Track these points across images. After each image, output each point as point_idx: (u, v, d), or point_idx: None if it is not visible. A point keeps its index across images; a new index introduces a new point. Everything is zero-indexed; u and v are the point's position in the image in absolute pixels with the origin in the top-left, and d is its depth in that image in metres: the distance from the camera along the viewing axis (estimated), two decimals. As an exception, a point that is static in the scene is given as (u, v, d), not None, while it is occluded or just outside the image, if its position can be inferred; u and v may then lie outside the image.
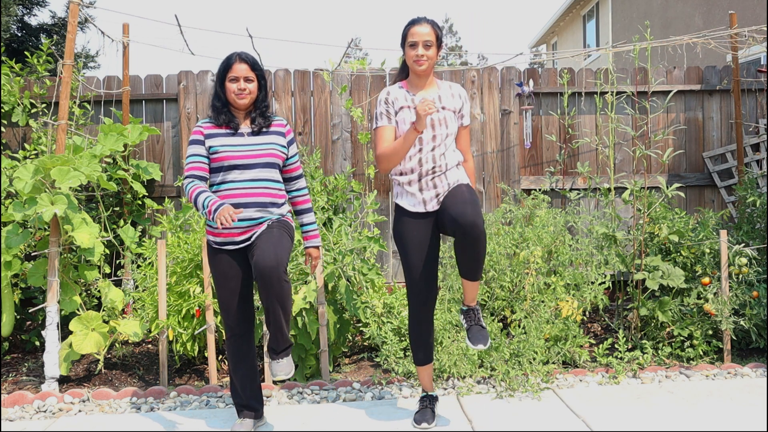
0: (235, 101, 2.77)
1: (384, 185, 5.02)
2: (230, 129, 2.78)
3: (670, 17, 10.57)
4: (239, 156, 2.73)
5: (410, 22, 2.82)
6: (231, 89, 2.76)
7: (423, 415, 2.90)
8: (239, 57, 2.77)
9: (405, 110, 2.80)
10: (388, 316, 3.81)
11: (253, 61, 2.79)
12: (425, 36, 2.76)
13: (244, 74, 2.76)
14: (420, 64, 2.77)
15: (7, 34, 9.08)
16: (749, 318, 3.69)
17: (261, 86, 2.82)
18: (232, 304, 2.79)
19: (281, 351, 2.73)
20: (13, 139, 4.86)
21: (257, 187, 2.73)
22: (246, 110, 2.83)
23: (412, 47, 2.77)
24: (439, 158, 2.78)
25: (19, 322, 4.17)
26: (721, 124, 5.22)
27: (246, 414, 2.88)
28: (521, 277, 3.90)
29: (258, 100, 2.83)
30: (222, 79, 2.78)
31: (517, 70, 5.09)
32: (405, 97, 2.82)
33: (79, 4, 3.81)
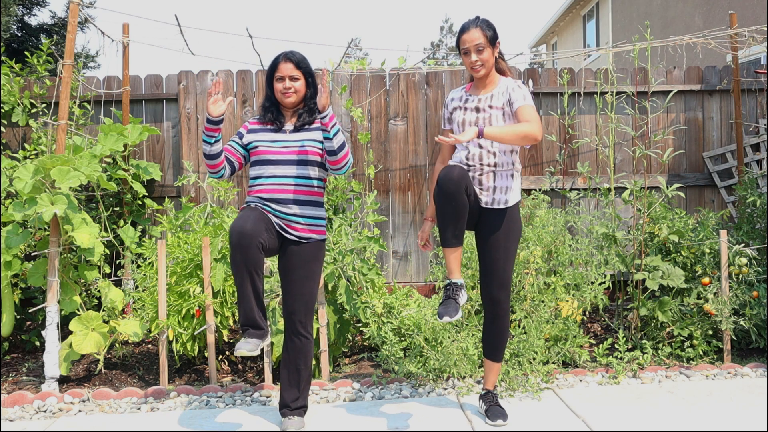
0: (282, 100, 2.82)
1: (384, 185, 5.03)
2: (275, 126, 2.84)
3: (670, 17, 10.57)
4: (274, 152, 2.78)
5: (459, 30, 2.85)
6: (278, 89, 2.82)
7: (446, 308, 2.68)
8: (285, 56, 2.81)
9: (457, 111, 2.89)
10: (388, 316, 3.81)
11: (299, 60, 2.81)
12: (475, 40, 2.77)
13: (289, 73, 2.79)
14: (476, 71, 2.81)
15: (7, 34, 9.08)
16: (749, 318, 3.69)
17: (309, 84, 2.85)
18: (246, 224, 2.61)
19: (296, 409, 2.91)
20: (13, 139, 4.86)
21: (293, 184, 2.78)
22: (294, 108, 2.87)
23: (465, 55, 2.81)
24: (486, 157, 2.80)
25: (19, 322, 4.17)
26: (721, 124, 5.22)
27: (251, 333, 2.70)
28: (521, 277, 3.90)
29: (306, 98, 2.86)
30: (270, 79, 2.84)
31: (517, 70, 5.09)
32: (461, 98, 2.91)
33: (79, 4, 3.81)
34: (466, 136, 2.54)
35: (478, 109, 2.82)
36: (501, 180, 2.81)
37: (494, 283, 2.84)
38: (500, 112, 2.80)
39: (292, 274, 2.82)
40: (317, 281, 2.89)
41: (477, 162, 2.80)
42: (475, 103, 2.83)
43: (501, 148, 2.81)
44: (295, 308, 2.84)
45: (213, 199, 4.39)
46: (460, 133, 2.66)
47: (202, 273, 3.59)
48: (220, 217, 4.01)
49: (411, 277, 5.03)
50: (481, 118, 2.80)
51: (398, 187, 5.05)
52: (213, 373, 3.54)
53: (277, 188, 2.77)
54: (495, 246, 2.82)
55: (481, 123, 2.80)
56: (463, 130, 2.80)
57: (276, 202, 2.77)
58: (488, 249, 2.84)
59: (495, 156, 2.80)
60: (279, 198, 2.76)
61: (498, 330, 2.91)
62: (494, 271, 2.83)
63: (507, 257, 2.83)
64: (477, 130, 2.56)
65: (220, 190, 4.37)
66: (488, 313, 2.91)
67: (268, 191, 2.77)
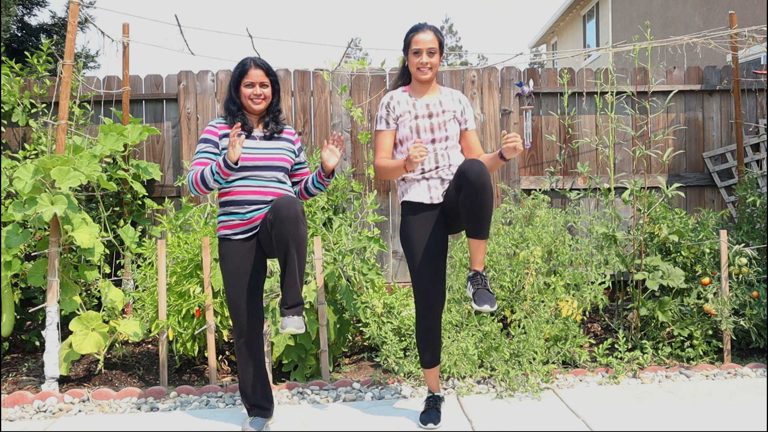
0: (250, 106, 2.83)
1: (384, 185, 5.02)
2: (243, 131, 2.83)
3: (670, 17, 10.57)
4: (251, 158, 2.78)
5: (413, 29, 2.85)
6: (246, 94, 2.81)
7: (429, 416, 2.90)
8: (254, 63, 2.82)
9: (406, 115, 2.86)
10: (388, 316, 3.81)
11: (268, 67, 2.85)
12: (429, 43, 2.79)
13: (260, 80, 2.81)
14: (424, 73, 2.82)
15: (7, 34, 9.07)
16: (749, 318, 3.69)
17: (275, 91, 2.88)
18: (242, 303, 2.79)
19: (292, 306, 2.70)
20: (13, 139, 4.86)
21: (269, 187, 2.80)
22: (260, 114, 2.89)
23: (416, 54, 2.81)
24: (441, 158, 2.83)
25: (19, 322, 4.17)
26: (721, 124, 5.22)
27: (257, 413, 2.88)
28: (521, 277, 3.90)
29: (272, 105, 2.89)
30: (237, 83, 2.83)
31: (517, 70, 5.09)
32: (407, 101, 2.88)
33: (79, 4, 3.81)
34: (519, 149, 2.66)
35: (431, 114, 2.86)
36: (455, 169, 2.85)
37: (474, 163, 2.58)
38: (453, 120, 2.88)
39: None
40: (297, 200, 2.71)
41: (433, 165, 2.83)
42: (425, 109, 2.86)
43: (455, 156, 2.87)
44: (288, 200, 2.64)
45: (213, 199, 4.39)
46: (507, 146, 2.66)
47: (202, 273, 3.59)
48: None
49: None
50: (435, 124, 2.84)
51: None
52: (213, 373, 3.54)
53: (255, 190, 2.78)
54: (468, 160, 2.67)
55: (436, 126, 2.84)
56: (418, 136, 2.82)
57: (252, 204, 2.78)
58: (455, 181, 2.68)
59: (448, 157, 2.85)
60: (253, 200, 2.78)
61: (484, 202, 2.59)
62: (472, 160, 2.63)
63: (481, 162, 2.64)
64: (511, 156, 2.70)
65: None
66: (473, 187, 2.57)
67: (247, 193, 2.77)
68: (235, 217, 2.78)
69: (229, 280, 2.80)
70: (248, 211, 2.77)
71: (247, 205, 2.77)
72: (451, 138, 2.86)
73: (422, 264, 2.80)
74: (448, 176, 2.84)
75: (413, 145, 2.62)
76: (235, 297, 2.80)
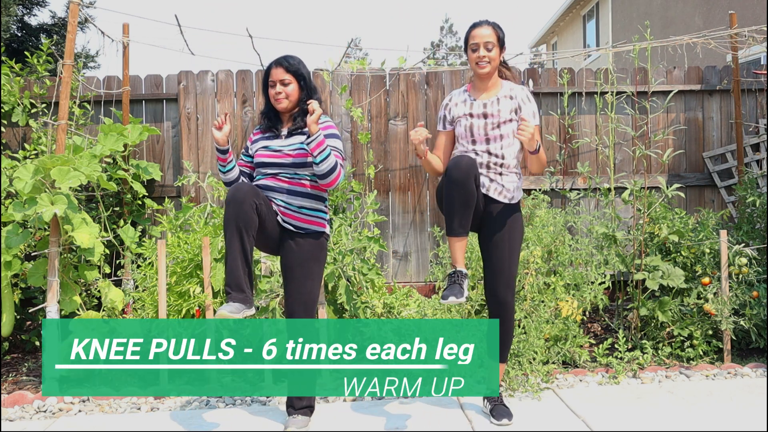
0: (275, 105, 2.87)
1: (384, 185, 5.02)
2: (272, 133, 2.89)
3: (670, 17, 10.57)
4: (269, 155, 2.82)
5: (472, 26, 2.86)
6: (271, 94, 2.86)
7: (451, 290, 2.71)
8: (276, 62, 2.85)
9: (462, 116, 2.88)
10: (388, 316, 3.81)
11: (290, 64, 2.84)
12: (486, 37, 2.79)
13: (280, 77, 2.82)
14: (482, 67, 2.81)
15: (7, 34, 9.07)
16: (749, 318, 3.69)
17: (301, 86, 2.86)
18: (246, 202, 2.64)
19: (301, 408, 2.91)
20: (13, 139, 4.86)
21: (289, 180, 2.81)
22: (289, 112, 2.89)
23: (473, 50, 2.81)
24: (493, 156, 2.81)
25: (19, 322, 4.17)
26: (721, 124, 5.22)
27: (234, 297, 2.65)
28: (521, 277, 3.90)
29: (300, 100, 2.86)
30: (265, 86, 2.89)
31: (517, 70, 5.09)
32: (465, 101, 2.89)
33: (79, 4, 3.81)
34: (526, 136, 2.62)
35: (486, 115, 2.83)
36: (507, 178, 2.84)
37: (500, 283, 2.83)
38: (508, 121, 2.82)
39: (291, 273, 2.82)
40: (318, 282, 2.88)
41: (485, 160, 2.81)
42: (481, 108, 2.84)
43: (510, 154, 2.83)
44: (294, 309, 2.84)
45: (213, 199, 4.39)
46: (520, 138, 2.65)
47: (202, 273, 3.59)
48: (220, 217, 4.01)
49: (411, 277, 5.03)
50: (490, 124, 2.82)
51: (398, 187, 5.05)
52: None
53: (274, 178, 2.82)
54: (500, 245, 2.82)
55: (489, 126, 2.82)
56: (472, 135, 2.82)
57: (273, 191, 2.81)
58: (493, 248, 2.83)
59: (503, 158, 2.82)
60: (276, 187, 2.81)
61: (504, 330, 2.90)
62: (500, 270, 2.83)
63: (512, 256, 2.83)
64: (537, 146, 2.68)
65: (220, 190, 4.37)
66: (493, 314, 2.90)
67: (266, 180, 2.83)
68: None
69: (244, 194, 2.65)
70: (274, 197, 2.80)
71: (266, 190, 2.80)
72: (507, 137, 2.83)
73: None
74: (496, 181, 2.82)
75: (415, 129, 2.69)
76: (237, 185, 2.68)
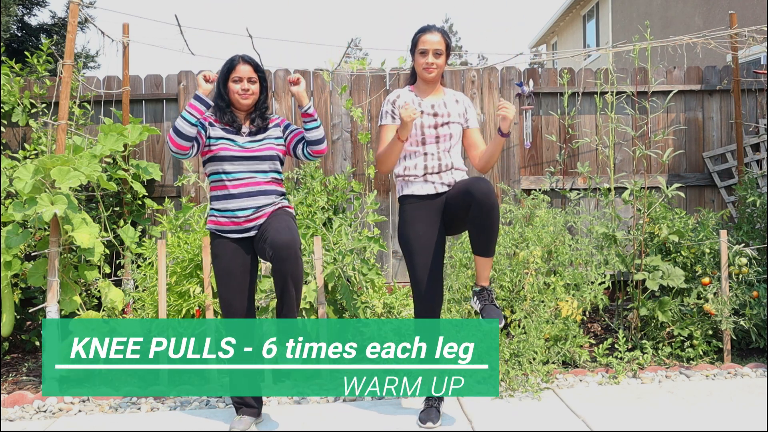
0: (238, 101, 2.84)
1: (384, 185, 5.02)
2: (232, 128, 2.85)
3: (670, 17, 10.57)
4: (237, 150, 2.80)
5: (421, 30, 2.89)
6: (234, 90, 2.83)
7: (428, 414, 2.91)
8: (242, 59, 2.85)
9: None
10: (388, 316, 3.81)
11: (257, 63, 2.87)
12: (435, 45, 2.84)
13: (248, 75, 2.83)
14: (429, 72, 2.86)
15: (7, 34, 9.07)
16: (749, 318, 3.69)
17: (263, 88, 2.90)
18: (234, 302, 2.82)
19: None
20: (13, 139, 4.86)
21: (259, 177, 2.80)
22: (247, 111, 2.90)
23: (422, 55, 2.85)
24: (444, 157, 2.87)
25: (19, 322, 4.17)
26: (721, 124, 5.22)
27: (244, 411, 2.90)
28: (521, 277, 3.90)
29: (259, 102, 2.90)
30: (225, 79, 2.85)
31: (517, 70, 5.09)
32: (413, 100, 2.91)
33: (79, 4, 3.81)
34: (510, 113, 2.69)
35: (436, 114, 2.89)
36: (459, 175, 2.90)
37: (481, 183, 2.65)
38: (456, 123, 2.91)
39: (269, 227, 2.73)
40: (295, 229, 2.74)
41: (436, 163, 2.86)
42: (430, 108, 2.89)
43: (456, 154, 2.91)
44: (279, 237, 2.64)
45: (213, 199, 4.38)
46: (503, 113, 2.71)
47: (202, 273, 3.59)
48: None
49: (411, 277, 5.02)
50: (440, 123, 2.88)
51: (398, 187, 5.04)
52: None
53: (245, 182, 2.79)
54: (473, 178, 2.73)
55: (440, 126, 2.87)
56: (422, 134, 2.85)
57: (241, 197, 2.77)
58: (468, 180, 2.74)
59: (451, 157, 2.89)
60: (245, 192, 2.78)
61: (491, 222, 2.67)
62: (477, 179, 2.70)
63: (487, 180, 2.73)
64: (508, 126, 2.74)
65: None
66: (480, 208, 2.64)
67: (235, 186, 2.78)
68: (224, 214, 2.79)
69: (222, 278, 2.82)
70: (238, 207, 2.76)
71: (232, 199, 2.77)
72: (455, 137, 2.91)
73: (421, 264, 2.81)
74: (448, 179, 2.87)
75: (402, 107, 2.69)
76: (228, 296, 2.82)
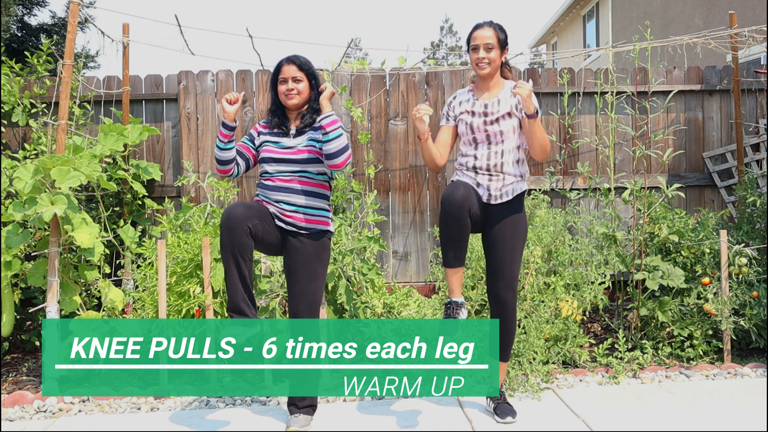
0: (285, 102, 2.86)
1: (384, 185, 5.02)
2: (280, 130, 2.88)
3: (670, 17, 10.57)
4: (278, 151, 2.83)
5: (474, 27, 2.89)
6: (281, 91, 2.86)
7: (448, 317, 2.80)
8: (288, 59, 2.86)
9: (464, 114, 2.91)
10: (388, 316, 3.81)
11: (302, 62, 2.86)
12: (486, 39, 2.83)
13: (292, 75, 2.83)
14: (482, 68, 2.85)
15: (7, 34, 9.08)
16: (749, 318, 3.69)
17: (312, 86, 2.88)
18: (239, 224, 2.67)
19: (303, 407, 2.93)
20: (13, 139, 4.86)
21: (296, 178, 2.81)
22: (298, 110, 2.90)
23: (474, 51, 2.84)
24: (494, 157, 2.83)
25: (19, 322, 4.17)
26: (721, 124, 5.21)
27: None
28: (521, 276, 3.90)
29: (310, 100, 2.89)
30: (274, 83, 2.89)
31: (517, 70, 5.09)
32: (468, 100, 2.92)
33: (79, 4, 3.81)
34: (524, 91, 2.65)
35: (486, 113, 2.86)
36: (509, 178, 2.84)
37: (500, 283, 2.85)
38: (507, 115, 2.84)
39: (296, 274, 2.83)
40: (321, 282, 2.88)
41: (485, 163, 2.82)
42: (482, 108, 2.87)
43: (511, 159, 2.84)
44: (299, 310, 2.84)
45: (213, 199, 4.39)
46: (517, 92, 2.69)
47: (202, 273, 3.59)
48: (220, 217, 4.00)
49: (411, 277, 5.03)
50: (489, 121, 2.84)
51: (398, 187, 5.05)
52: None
53: (279, 178, 2.82)
54: (501, 244, 2.83)
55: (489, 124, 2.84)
56: (473, 133, 2.85)
57: (277, 191, 2.81)
58: (494, 247, 2.85)
59: (502, 158, 2.83)
60: (281, 186, 2.81)
61: (505, 330, 2.92)
62: (500, 270, 2.85)
63: (513, 256, 2.84)
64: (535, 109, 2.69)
65: (220, 190, 4.37)
66: (495, 313, 2.91)
67: (272, 180, 2.83)
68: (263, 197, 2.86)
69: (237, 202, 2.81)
70: (276, 199, 2.80)
71: (270, 191, 2.81)
72: (507, 134, 2.83)
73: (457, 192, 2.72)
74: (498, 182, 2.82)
75: (416, 108, 2.72)
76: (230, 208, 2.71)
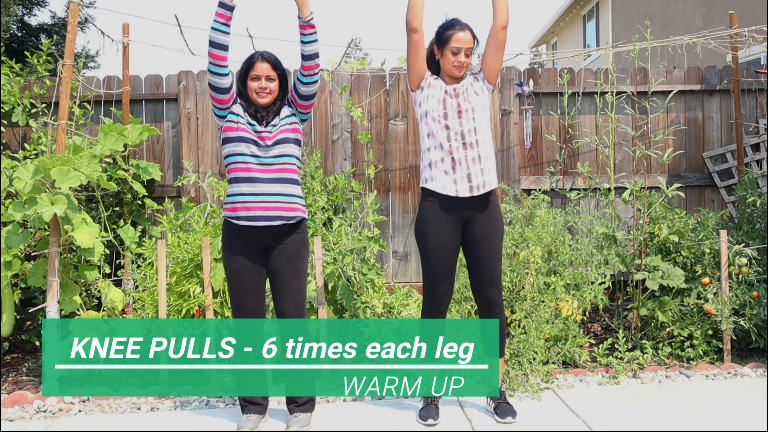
0: (255, 100, 2.80)
1: (384, 185, 5.02)
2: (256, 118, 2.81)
3: (670, 17, 10.57)
4: (256, 135, 2.75)
5: (450, 26, 2.87)
6: (252, 87, 2.79)
7: (428, 412, 2.91)
8: (261, 56, 2.80)
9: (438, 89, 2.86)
10: (388, 316, 3.81)
11: (276, 61, 2.81)
12: (468, 44, 2.84)
13: (266, 73, 2.78)
14: (460, 70, 2.85)
15: (7, 34, 9.08)
16: (749, 318, 3.69)
17: (282, 86, 2.84)
18: (243, 302, 2.83)
19: (302, 404, 2.93)
20: (13, 139, 4.86)
21: (276, 163, 2.76)
22: (266, 109, 2.85)
23: (454, 54, 2.83)
24: (466, 123, 2.81)
25: (19, 322, 4.17)
26: (721, 124, 5.22)
27: (251, 410, 2.90)
28: (521, 277, 3.90)
29: (278, 99, 2.85)
30: (244, 77, 2.81)
31: (517, 70, 5.09)
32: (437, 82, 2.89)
33: (79, 4, 3.81)
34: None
35: (458, 94, 2.86)
36: (486, 162, 2.84)
37: (485, 283, 2.89)
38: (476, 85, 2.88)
39: (279, 275, 2.83)
40: (305, 278, 2.87)
41: (460, 141, 2.80)
42: (453, 91, 2.88)
43: (482, 125, 2.83)
44: (285, 308, 2.84)
45: (213, 199, 4.38)
46: None
47: (202, 273, 3.59)
48: (220, 217, 4.01)
49: (411, 277, 5.03)
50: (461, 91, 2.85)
51: (398, 187, 5.05)
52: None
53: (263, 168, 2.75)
54: (481, 246, 2.86)
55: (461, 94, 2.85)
56: (444, 108, 2.82)
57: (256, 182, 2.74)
58: (475, 251, 2.88)
59: (476, 132, 2.81)
60: (259, 177, 2.74)
61: (499, 326, 2.94)
62: (482, 270, 2.88)
63: (494, 255, 2.87)
64: None
65: (220, 190, 4.37)
66: (484, 313, 2.94)
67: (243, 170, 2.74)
68: (239, 198, 2.75)
69: (233, 278, 2.83)
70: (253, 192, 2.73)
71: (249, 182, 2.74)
72: (477, 109, 2.83)
73: (435, 265, 2.84)
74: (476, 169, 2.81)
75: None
76: (237, 294, 2.83)
